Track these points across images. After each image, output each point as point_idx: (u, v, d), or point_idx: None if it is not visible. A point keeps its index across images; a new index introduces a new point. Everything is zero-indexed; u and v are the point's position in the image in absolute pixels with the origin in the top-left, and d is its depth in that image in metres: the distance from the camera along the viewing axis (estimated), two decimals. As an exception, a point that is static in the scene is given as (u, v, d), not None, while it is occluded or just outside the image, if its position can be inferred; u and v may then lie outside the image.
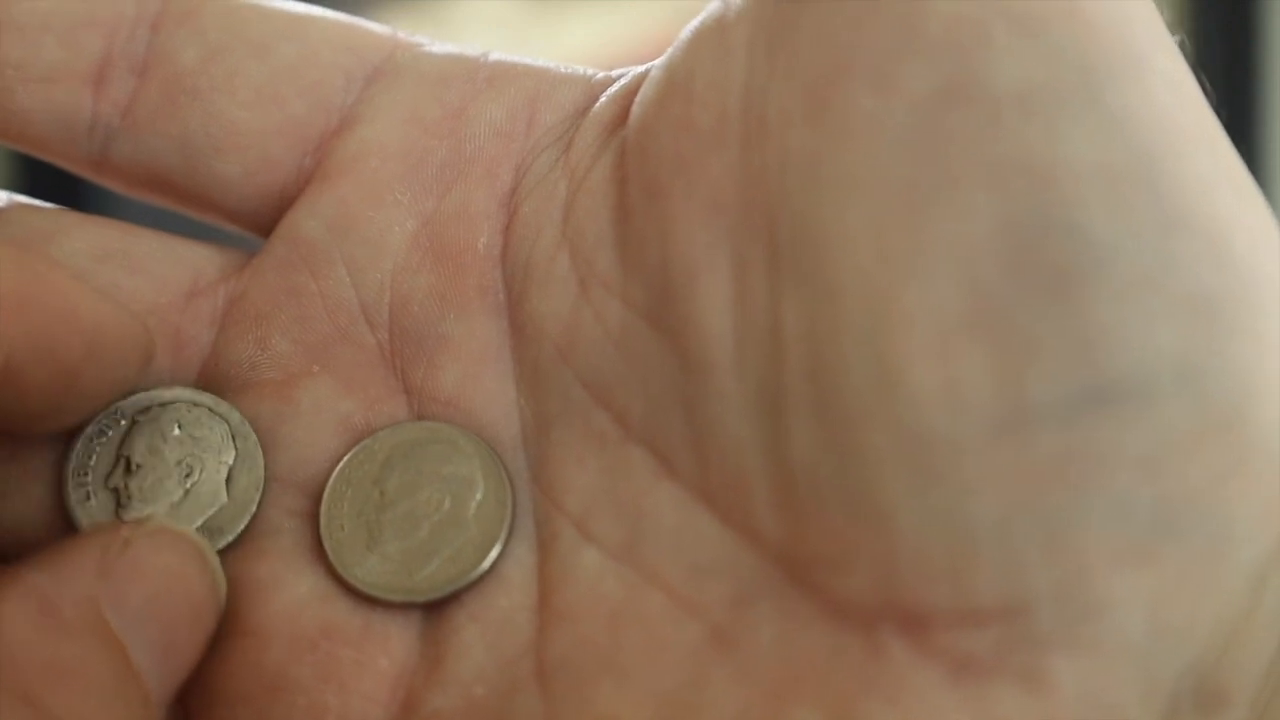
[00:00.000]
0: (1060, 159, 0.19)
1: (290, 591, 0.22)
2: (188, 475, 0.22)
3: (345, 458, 0.22)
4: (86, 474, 0.22)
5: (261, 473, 0.22)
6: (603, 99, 0.23)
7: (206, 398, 0.23)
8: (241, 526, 0.22)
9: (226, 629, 0.21)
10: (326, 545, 0.22)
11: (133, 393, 0.23)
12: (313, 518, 0.22)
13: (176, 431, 0.23)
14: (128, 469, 0.22)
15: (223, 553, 0.22)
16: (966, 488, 0.19)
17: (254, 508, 0.22)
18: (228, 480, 0.22)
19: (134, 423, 0.23)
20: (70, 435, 0.23)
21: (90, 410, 0.22)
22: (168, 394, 0.23)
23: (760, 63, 0.20)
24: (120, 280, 0.23)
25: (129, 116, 0.24)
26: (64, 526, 0.22)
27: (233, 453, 0.22)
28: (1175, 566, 0.18)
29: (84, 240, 0.24)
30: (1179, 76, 0.20)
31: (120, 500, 0.22)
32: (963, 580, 0.19)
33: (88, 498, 0.22)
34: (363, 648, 0.21)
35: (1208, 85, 0.20)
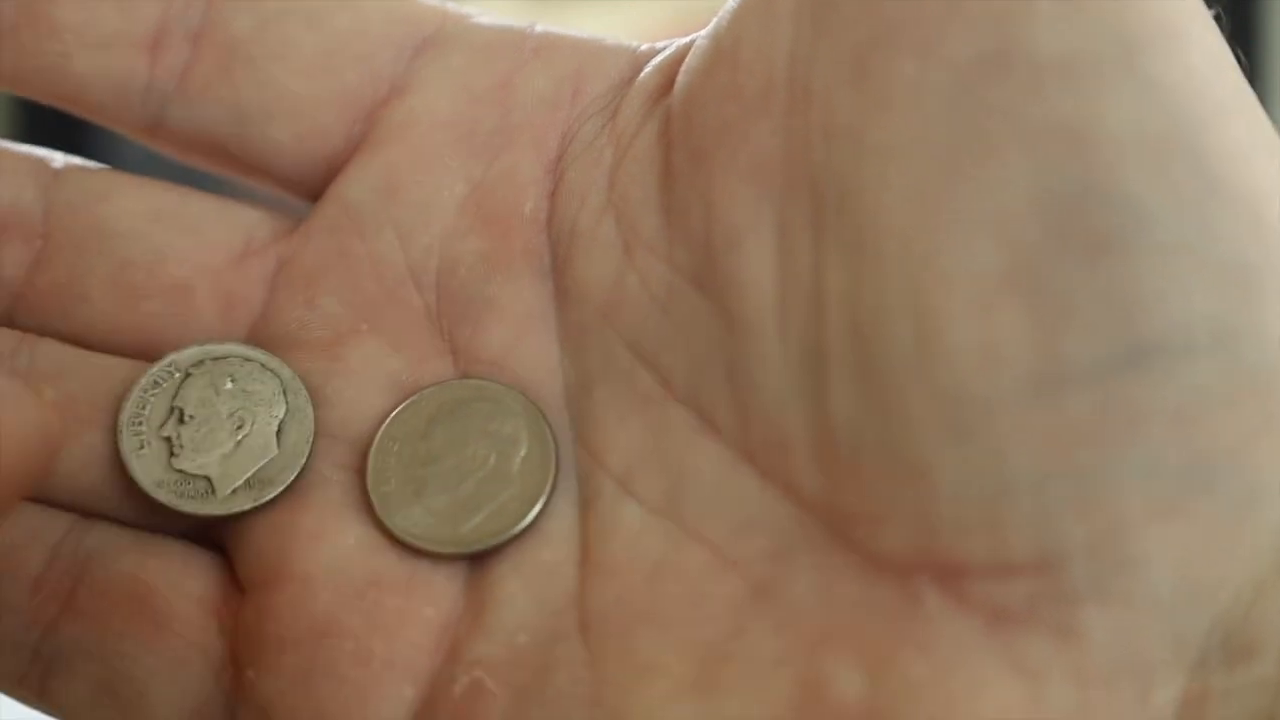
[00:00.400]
0: (1101, 125, 0.19)
1: (338, 541, 0.22)
2: (239, 427, 0.23)
3: (392, 413, 0.23)
4: (141, 424, 0.23)
5: (311, 427, 0.23)
6: (648, 69, 0.24)
7: (259, 353, 0.23)
8: (291, 478, 0.23)
9: (275, 576, 0.22)
10: (373, 497, 0.22)
11: (188, 346, 0.23)
12: (360, 472, 0.23)
13: (229, 385, 0.23)
14: (180, 419, 0.23)
15: (273, 502, 0.23)
16: (1002, 444, 0.19)
17: (304, 460, 0.23)
18: (278, 433, 0.23)
19: (187, 375, 0.23)
20: (124, 387, 0.23)
21: None
22: (220, 349, 0.23)
23: (806, 30, 0.21)
24: (173, 240, 0.24)
25: (184, 83, 0.24)
26: (119, 474, 0.23)
27: (283, 407, 0.23)
28: (1206, 522, 0.19)
29: (138, 201, 0.24)
30: (1216, 47, 0.20)
31: (173, 449, 0.23)
32: (998, 534, 0.19)
33: (141, 446, 0.23)
34: (409, 597, 0.22)
35: (1242, 58, 0.21)
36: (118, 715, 0.22)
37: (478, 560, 0.22)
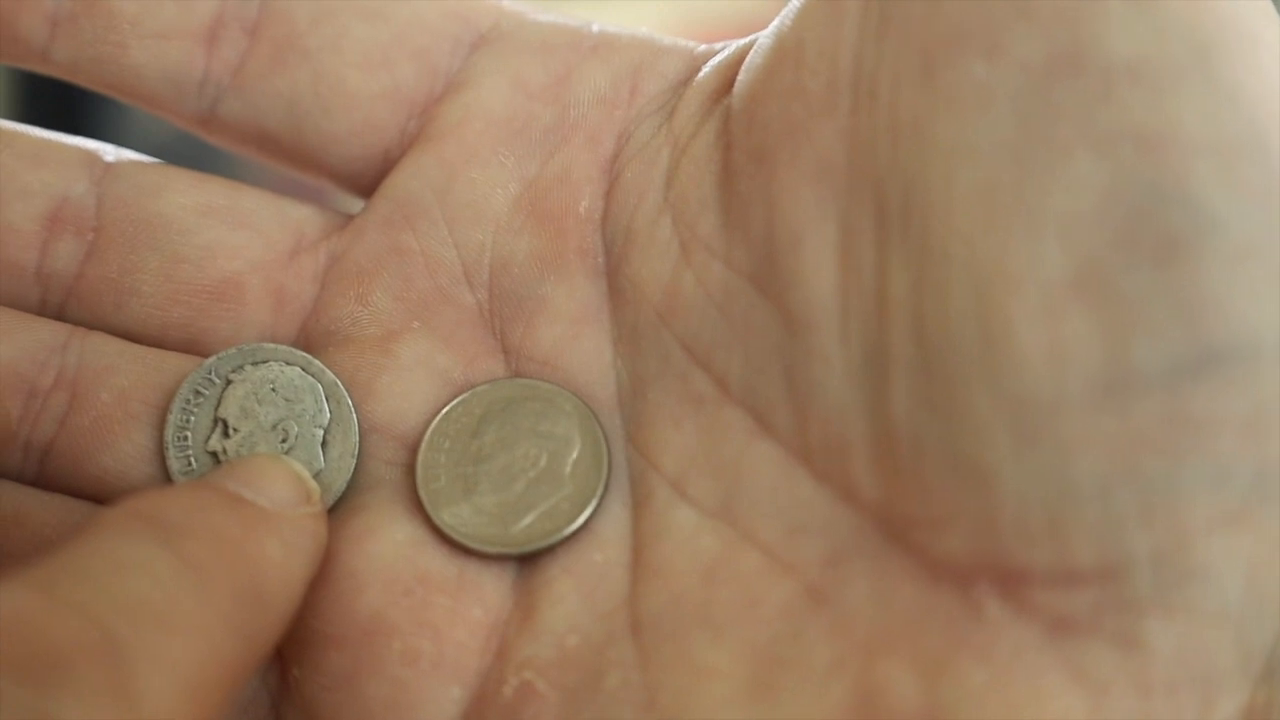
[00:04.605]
0: (1170, 129, 0.19)
1: (387, 539, 0.22)
2: (283, 440, 0.23)
3: (443, 411, 0.23)
4: (186, 437, 0.23)
5: (356, 436, 0.23)
6: (706, 69, 0.23)
7: (299, 357, 0.23)
8: (337, 490, 0.22)
9: (323, 573, 0.22)
10: (422, 495, 0.22)
11: (228, 350, 0.23)
12: (410, 469, 0.22)
13: (271, 392, 0.23)
14: (225, 433, 0.23)
15: None
16: (1068, 450, 0.19)
17: (349, 474, 0.22)
18: (323, 444, 0.23)
19: (228, 382, 0.23)
20: (175, 382, 0.23)
21: None
22: (260, 352, 0.23)
23: (872, 30, 0.20)
24: (224, 236, 0.24)
25: (239, 75, 0.24)
26: (166, 473, 0.23)
27: (327, 416, 0.23)
28: (1274, 532, 0.18)
29: (190, 196, 0.24)
30: None
31: (220, 463, 0.23)
32: (1061, 541, 0.19)
33: (189, 465, 0.22)
34: (457, 596, 0.22)
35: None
36: None
37: (527, 561, 0.22)
